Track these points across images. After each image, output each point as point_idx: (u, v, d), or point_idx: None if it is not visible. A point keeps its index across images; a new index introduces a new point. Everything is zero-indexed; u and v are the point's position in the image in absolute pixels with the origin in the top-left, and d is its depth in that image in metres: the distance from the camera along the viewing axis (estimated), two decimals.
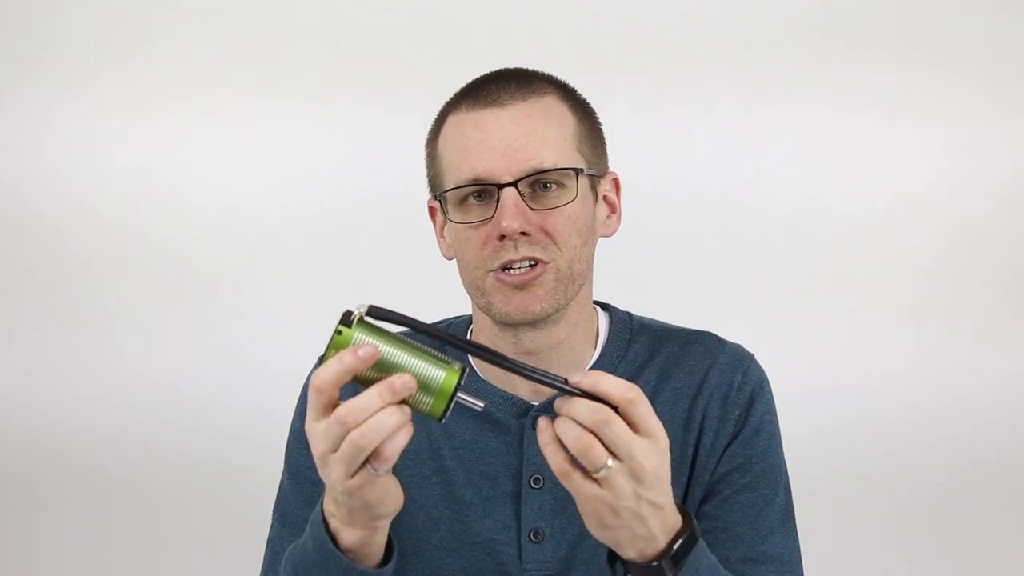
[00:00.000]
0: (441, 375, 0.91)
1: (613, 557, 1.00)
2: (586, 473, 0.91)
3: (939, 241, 2.67)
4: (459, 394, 0.93)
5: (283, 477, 1.27)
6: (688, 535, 0.96)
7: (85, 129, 2.63)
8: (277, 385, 2.42)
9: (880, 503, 2.52)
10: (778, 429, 1.24)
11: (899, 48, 2.64)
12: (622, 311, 1.28)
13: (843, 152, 2.66)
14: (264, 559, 1.26)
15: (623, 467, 0.90)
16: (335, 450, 0.92)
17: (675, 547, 0.95)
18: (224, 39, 2.65)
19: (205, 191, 2.65)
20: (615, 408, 0.90)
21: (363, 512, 0.97)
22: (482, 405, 0.95)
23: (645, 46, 2.63)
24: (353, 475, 0.92)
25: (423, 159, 1.22)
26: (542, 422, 0.93)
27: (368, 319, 0.93)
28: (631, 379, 1.18)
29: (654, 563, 0.95)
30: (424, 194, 1.23)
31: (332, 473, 0.93)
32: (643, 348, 1.24)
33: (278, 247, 2.63)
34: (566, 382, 0.92)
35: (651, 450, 0.91)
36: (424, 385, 0.92)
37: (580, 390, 0.91)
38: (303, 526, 1.16)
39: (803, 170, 2.65)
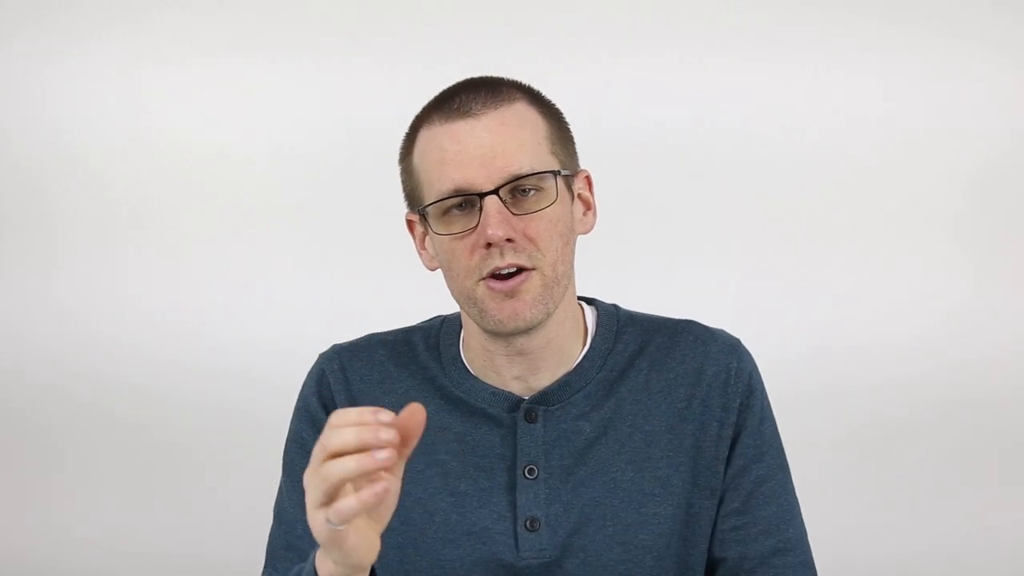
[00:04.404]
0: None
1: None
2: None
3: (950, 184, 2.60)
4: None
5: (281, 476, 1.30)
6: None
7: (79, 82, 2.62)
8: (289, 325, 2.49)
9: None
10: (772, 410, 1.28)
11: None
12: (608, 304, 1.31)
13: (846, 92, 2.60)
14: (266, 556, 1.29)
15: None
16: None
17: None
18: None
19: (206, 143, 2.62)
20: None
21: (334, 552, 0.94)
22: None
23: None
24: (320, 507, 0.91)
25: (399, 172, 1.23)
26: None
27: None
28: (623, 371, 1.25)
29: None
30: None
31: (307, 495, 0.92)
32: (632, 339, 1.27)
33: (285, 201, 2.61)
34: None
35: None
36: None
37: None
38: (295, 525, 1.23)
39: (801, 111, 2.59)
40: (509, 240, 1.13)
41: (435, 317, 1.33)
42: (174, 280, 2.62)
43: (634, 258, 2.49)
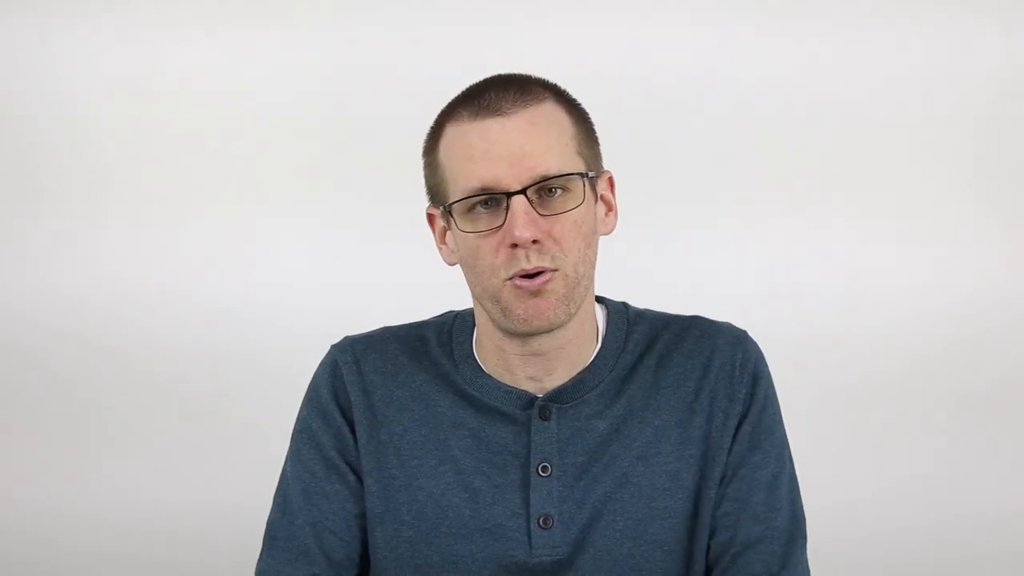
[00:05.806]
0: None
1: None
2: None
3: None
4: None
5: (285, 462, 1.30)
6: None
7: (85, 47, 2.59)
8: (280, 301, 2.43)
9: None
10: (778, 401, 1.29)
11: None
12: (617, 302, 1.31)
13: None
14: (263, 543, 1.29)
15: None
16: None
17: None
18: None
19: (209, 104, 2.59)
20: None
21: None
22: None
23: None
24: None
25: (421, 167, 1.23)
26: None
27: None
28: (633, 368, 1.26)
29: None
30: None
31: None
32: (642, 337, 1.27)
33: (292, 160, 2.57)
34: None
35: None
36: None
37: None
38: (298, 515, 1.24)
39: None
40: (535, 241, 1.13)
41: (447, 312, 1.33)
42: (180, 258, 2.60)
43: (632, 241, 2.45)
